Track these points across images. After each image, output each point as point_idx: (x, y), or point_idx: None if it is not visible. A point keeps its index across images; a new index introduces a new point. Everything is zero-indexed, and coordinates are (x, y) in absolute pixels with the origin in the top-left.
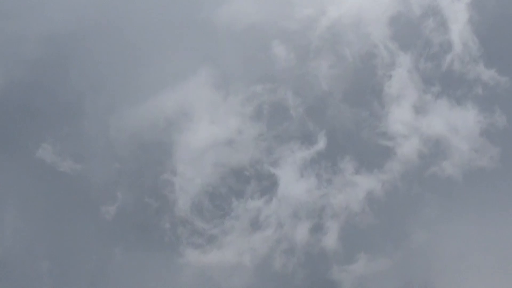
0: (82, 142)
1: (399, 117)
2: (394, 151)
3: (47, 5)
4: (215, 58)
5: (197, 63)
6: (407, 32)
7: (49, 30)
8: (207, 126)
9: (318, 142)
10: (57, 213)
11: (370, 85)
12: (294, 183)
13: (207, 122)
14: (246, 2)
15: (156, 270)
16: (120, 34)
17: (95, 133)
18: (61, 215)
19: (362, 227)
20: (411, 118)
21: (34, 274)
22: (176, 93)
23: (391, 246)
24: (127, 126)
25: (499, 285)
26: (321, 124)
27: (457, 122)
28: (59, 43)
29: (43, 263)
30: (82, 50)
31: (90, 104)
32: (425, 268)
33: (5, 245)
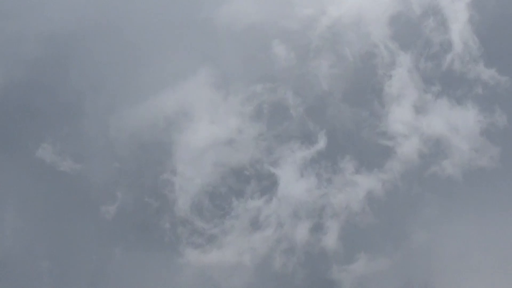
0: (82, 142)
1: (399, 116)
2: (394, 151)
3: (47, 5)
4: (215, 58)
5: (197, 63)
6: (407, 31)
7: (49, 30)
8: (207, 126)
9: (318, 142)
10: (57, 213)
11: (370, 84)
12: (294, 183)
13: (207, 122)
14: (246, 2)
15: (156, 270)
16: (120, 34)
17: (95, 133)
18: (61, 215)
19: (362, 227)
20: (411, 118)
21: (34, 274)
22: (176, 93)
23: (391, 246)
24: (127, 126)
25: (499, 285)
26: (321, 123)
27: (457, 121)
28: (59, 43)
29: (43, 263)
30: (82, 50)
31: (90, 104)
32: (425, 268)
33: (5, 245)
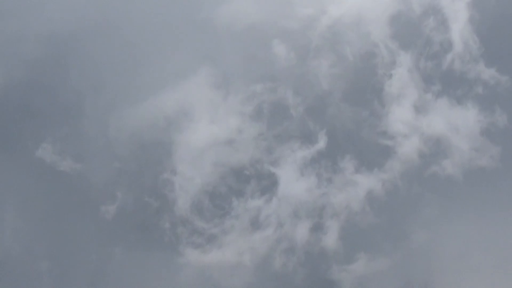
0: (82, 142)
1: (400, 116)
2: (395, 150)
3: (47, 5)
4: (215, 58)
5: (197, 63)
6: (408, 31)
7: (49, 30)
8: (207, 125)
9: (318, 141)
10: (57, 212)
11: (370, 84)
12: (294, 183)
13: (207, 122)
14: (246, 2)
15: (156, 270)
16: (120, 34)
17: (95, 132)
18: (61, 215)
19: (362, 227)
20: (412, 117)
21: (34, 274)
22: (176, 92)
23: (391, 246)
24: (127, 126)
25: (499, 285)
26: (321, 123)
27: (457, 121)
28: (59, 43)
29: (43, 263)
30: (82, 50)
31: (90, 104)
32: (425, 268)
33: (5, 245)
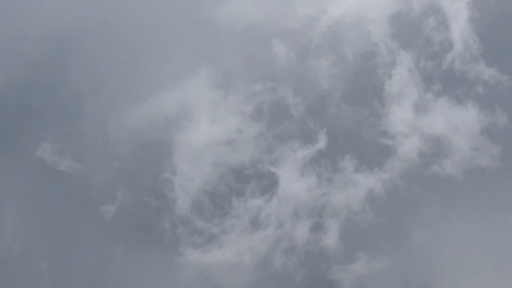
0: (82, 142)
1: (400, 116)
2: (395, 150)
3: (47, 5)
4: (215, 58)
5: (197, 63)
6: (408, 30)
7: (49, 30)
8: (207, 125)
9: (318, 141)
10: (56, 212)
11: (370, 84)
12: (294, 182)
13: (207, 122)
14: (246, 2)
15: (156, 269)
16: (120, 34)
17: (95, 132)
18: (60, 215)
19: (362, 226)
20: (412, 117)
21: (34, 274)
22: (176, 92)
23: (391, 246)
24: (127, 126)
25: (499, 285)
26: (321, 123)
27: (457, 121)
28: (59, 43)
29: (43, 263)
30: (82, 50)
31: (90, 103)
32: (425, 268)
33: (5, 245)
